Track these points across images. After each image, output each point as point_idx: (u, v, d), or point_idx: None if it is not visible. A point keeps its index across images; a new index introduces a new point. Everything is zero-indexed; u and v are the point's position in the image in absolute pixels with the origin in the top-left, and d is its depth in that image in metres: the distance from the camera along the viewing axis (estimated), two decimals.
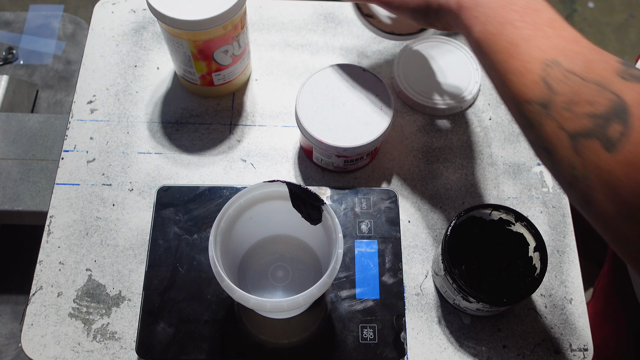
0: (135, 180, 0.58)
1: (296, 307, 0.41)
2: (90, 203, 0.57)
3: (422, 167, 0.60)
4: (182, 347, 0.50)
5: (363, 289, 0.52)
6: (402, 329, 0.51)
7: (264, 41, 0.67)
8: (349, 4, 0.69)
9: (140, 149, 0.60)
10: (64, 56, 0.90)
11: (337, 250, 0.42)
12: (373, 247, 0.54)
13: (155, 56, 0.66)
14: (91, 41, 0.66)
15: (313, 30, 0.68)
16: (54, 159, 0.69)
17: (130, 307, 0.53)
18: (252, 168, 0.60)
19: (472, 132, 0.62)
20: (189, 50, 0.55)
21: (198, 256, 0.53)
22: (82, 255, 0.55)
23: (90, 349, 0.51)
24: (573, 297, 0.54)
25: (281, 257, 0.53)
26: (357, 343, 0.50)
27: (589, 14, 1.70)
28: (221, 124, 0.62)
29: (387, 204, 0.56)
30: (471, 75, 0.64)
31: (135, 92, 0.63)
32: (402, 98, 0.64)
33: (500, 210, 0.50)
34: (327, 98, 0.55)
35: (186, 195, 0.55)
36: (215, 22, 0.51)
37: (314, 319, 0.51)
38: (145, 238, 0.56)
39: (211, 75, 0.59)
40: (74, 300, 0.53)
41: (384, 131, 0.54)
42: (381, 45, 0.67)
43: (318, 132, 0.53)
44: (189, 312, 0.51)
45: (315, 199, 0.45)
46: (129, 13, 0.68)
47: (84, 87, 0.63)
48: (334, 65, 0.56)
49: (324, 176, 0.60)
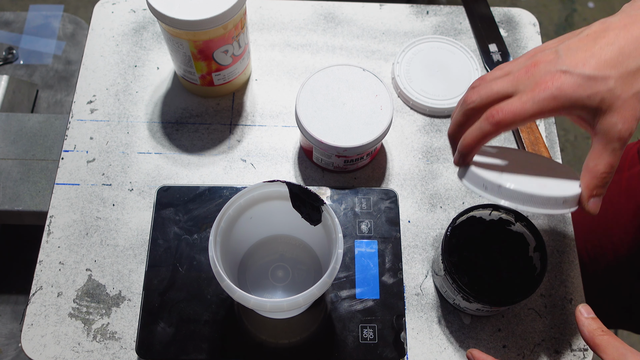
0: (135, 180, 0.58)
1: (296, 307, 0.41)
2: (90, 203, 0.57)
3: (422, 167, 0.60)
4: (182, 347, 0.50)
5: (363, 289, 0.52)
6: (402, 329, 0.51)
7: (264, 41, 0.67)
8: (348, 4, 0.70)
9: (140, 149, 0.60)
10: (64, 56, 0.90)
11: (337, 250, 0.42)
12: (373, 247, 0.54)
13: (155, 56, 0.66)
14: (91, 41, 0.66)
15: (313, 30, 0.68)
16: (54, 159, 0.69)
17: (130, 307, 0.53)
18: (252, 168, 0.60)
19: None
20: (189, 50, 0.55)
21: (198, 256, 0.53)
22: (82, 255, 0.55)
23: (90, 349, 0.51)
24: (573, 297, 0.54)
25: (281, 257, 0.53)
26: (357, 343, 0.50)
27: (589, 14, 1.70)
28: (221, 124, 0.62)
29: (387, 204, 0.56)
30: (471, 75, 0.64)
31: (135, 92, 0.63)
32: (402, 98, 0.64)
33: (500, 210, 0.50)
34: (327, 98, 0.55)
35: (186, 195, 0.55)
36: (215, 22, 0.51)
37: (314, 319, 0.51)
38: (145, 238, 0.56)
39: (211, 75, 0.59)
40: (74, 300, 0.53)
41: (384, 131, 0.54)
42: (381, 45, 0.67)
43: (318, 132, 0.53)
44: (189, 312, 0.51)
45: (315, 199, 0.45)
46: (129, 13, 0.68)
47: (84, 87, 0.63)
48: (334, 65, 0.56)
49: (324, 176, 0.60)
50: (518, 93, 0.39)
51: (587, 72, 0.37)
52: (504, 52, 0.67)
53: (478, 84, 0.42)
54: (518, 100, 0.38)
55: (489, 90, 0.40)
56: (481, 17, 0.69)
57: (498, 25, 0.69)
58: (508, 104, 0.39)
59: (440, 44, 0.66)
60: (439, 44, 0.66)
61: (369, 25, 0.68)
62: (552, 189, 0.40)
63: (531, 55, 0.41)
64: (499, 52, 0.67)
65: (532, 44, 0.68)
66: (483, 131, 0.40)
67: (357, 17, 0.69)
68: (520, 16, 0.70)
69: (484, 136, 0.40)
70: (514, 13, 0.70)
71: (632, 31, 0.38)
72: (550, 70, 0.38)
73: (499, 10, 0.70)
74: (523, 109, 0.38)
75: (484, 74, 0.44)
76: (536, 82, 0.38)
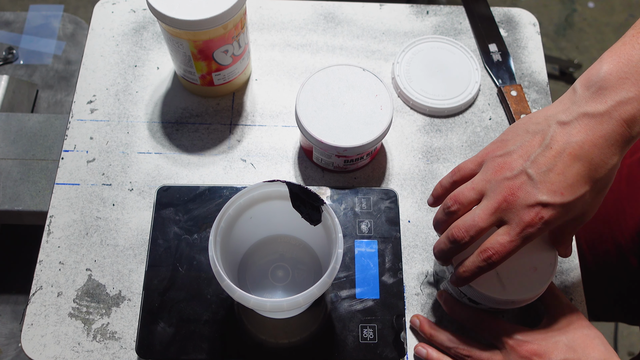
0: (135, 180, 0.58)
1: (296, 307, 0.41)
2: (90, 203, 0.57)
3: (422, 167, 0.60)
4: (182, 347, 0.50)
5: (363, 289, 0.52)
6: (402, 328, 0.51)
7: (264, 41, 0.67)
8: (348, 4, 0.70)
9: (140, 148, 0.60)
10: (64, 56, 0.90)
11: (337, 250, 0.42)
12: (373, 247, 0.54)
13: (155, 56, 0.66)
14: (91, 41, 0.66)
15: (313, 30, 0.68)
16: (54, 159, 0.69)
17: (130, 307, 0.53)
18: (252, 168, 0.60)
19: (472, 132, 0.62)
20: (189, 50, 0.55)
21: (198, 256, 0.53)
22: (82, 255, 0.55)
23: (90, 349, 0.51)
24: (573, 296, 0.54)
25: (281, 257, 0.53)
26: (357, 343, 0.50)
27: (589, 14, 1.70)
28: (221, 124, 0.62)
29: (387, 204, 0.56)
30: (471, 75, 0.64)
31: (135, 92, 0.63)
32: (402, 98, 0.64)
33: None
34: (327, 98, 0.55)
35: (186, 195, 0.55)
36: (215, 22, 0.51)
37: (314, 319, 0.51)
38: (145, 238, 0.56)
39: (211, 75, 0.59)
40: (74, 300, 0.53)
41: (384, 131, 0.54)
42: (381, 45, 0.67)
43: (318, 132, 0.53)
44: (189, 312, 0.51)
45: (315, 199, 0.45)
46: (129, 13, 0.68)
47: (84, 87, 0.63)
48: (334, 65, 0.56)
49: (324, 176, 0.60)
50: (502, 222, 0.41)
51: (566, 199, 0.39)
52: (503, 52, 0.67)
53: (450, 179, 0.46)
54: (507, 237, 0.40)
55: (477, 229, 0.41)
56: (481, 17, 0.69)
57: (498, 25, 0.69)
58: (498, 244, 0.41)
59: (440, 44, 0.66)
60: (439, 44, 0.66)
61: (369, 25, 0.68)
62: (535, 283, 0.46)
63: (498, 167, 0.42)
64: (498, 52, 0.67)
65: (532, 44, 0.68)
66: (480, 267, 0.42)
67: (357, 17, 0.69)
68: (520, 16, 0.70)
69: (481, 271, 0.42)
70: (514, 13, 0.70)
71: (597, 140, 0.39)
72: (530, 202, 0.39)
73: (499, 10, 0.70)
74: (513, 245, 0.40)
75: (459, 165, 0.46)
76: (521, 218, 0.40)
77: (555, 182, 0.39)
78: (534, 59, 0.67)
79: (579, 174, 0.39)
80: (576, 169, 0.39)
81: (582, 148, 0.39)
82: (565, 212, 0.40)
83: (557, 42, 1.66)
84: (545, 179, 0.39)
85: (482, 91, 0.65)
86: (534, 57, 0.67)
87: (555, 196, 0.39)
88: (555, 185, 0.39)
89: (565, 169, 0.39)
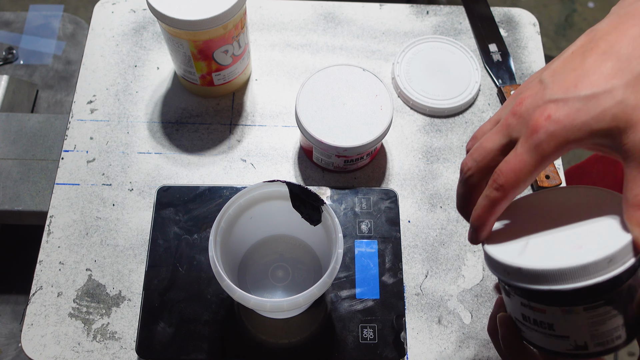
0: (135, 180, 0.58)
1: (296, 307, 0.41)
2: (90, 203, 0.57)
3: (422, 167, 0.60)
4: (182, 347, 0.50)
5: (363, 289, 0.52)
6: (402, 329, 0.51)
7: (264, 41, 0.67)
8: (348, 4, 0.70)
9: (140, 148, 0.60)
10: (64, 56, 0.90)
11: (337, 250, 0.42)
12: (373, 247, 0.54)
13: (155, 56, 0.66)
14: (91, 41, 0.66)
15: (313, 30, 0.68)
16: (54, 159, 0.69)
17: (130, 307, 0.53)
18: (252, 168, 0.60)
19: (472, 132, 0.62)
20: (189, 50, 0.55)
21: (198, 256, 0.53)
22: (82, 255, 0.55)
23: (90, 349, 0.51)
24: None
25: (281, 257, 0.53)
26: (357, 343, 0.50)
27: (589, 14, 1.70)
28: (221, 124, 0.62)
29: (387, 204, 0.56)
30: (471, 75, 0.64)
31: (135, 92, 0.63)
32: (402, 98, 0.64)
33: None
34: (327, 98, 0.55)
35: (186, 195, 0.55)
36: (215, 22, 0.51)
37: (314, 319, 0.51)
38: (145, 238, 0.56)
39: (211, 75, 0.59)
40: (74, 300, 0.53)
41: (384, 131, 0.54)
42: (381, 45, 0.67)
43: (318, 132, 0.53)
44: (189, 312, 0.51)
45: (315, 199, 0.45)
46: (129, 13, 0.68)
47: (84, 87, 0.63)
48: (334, 65, 0.56)
49: (324, 176, 0.60)
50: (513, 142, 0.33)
51: (583, 92, 0.31)
52: (504, 52, 0.67)
53: (471, 146, 0.38)
54: (514, 154, 0.33)
55: (482, 151, 0.35)
56: (481, 17, 0.69)
57: (498, 25, 0.69)
58: (506, 163, 0.33)
59: (440, 44, 0.66)
60: (439, 44, 0.66)
61: (369, 25, 0.68)
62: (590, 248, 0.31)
63: (516, 94, 0.35)
64: (499, 52, 0.67)
65: (532, 44, 0.68)
66: (491, 199, 0.34)
67: (357, 17, 0.69)
68: (520, 16, 0.70)
69: (494, 205, 0.34)
70: (514, 13, 0.70)
71: (627, 31, 0.31)
72: (538, 104, 0.32)
73: (499, 10, 0.70)
74: (522, 163, 0.32)
75: (476, 131, 0.38)
76: (527, 125, 0.32)
77: (571, 79, 0.31)
78: (534, 59, 0.67)
79: (605, 68, 0.31)
80: (602, 63, 0.31)
81: (609, 42, 0.31)
82: (584, 109, 0.30)
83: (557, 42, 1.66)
84: (559, 79, 0.32)
85: (482, 91, 0.65)
86: (534, 57, 0.67)
87: (568, 91, 0.31)
88: (570, 82, 0.31)
89: (585, 67, 0.31)
